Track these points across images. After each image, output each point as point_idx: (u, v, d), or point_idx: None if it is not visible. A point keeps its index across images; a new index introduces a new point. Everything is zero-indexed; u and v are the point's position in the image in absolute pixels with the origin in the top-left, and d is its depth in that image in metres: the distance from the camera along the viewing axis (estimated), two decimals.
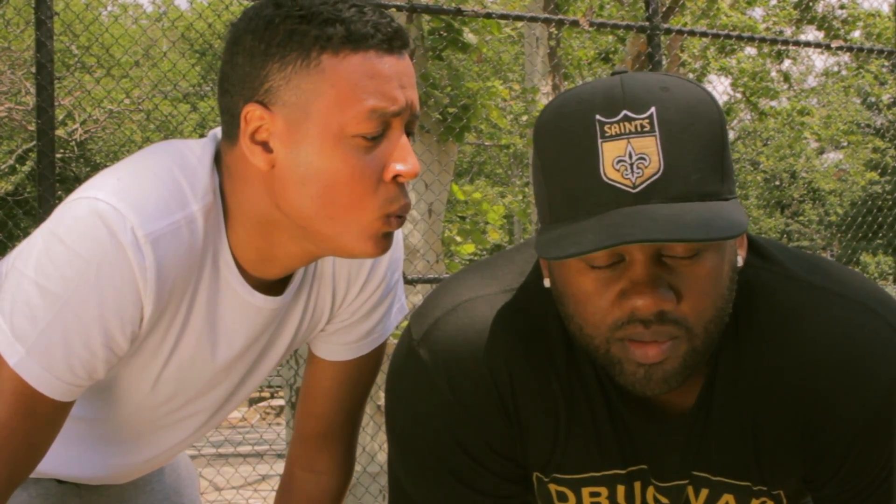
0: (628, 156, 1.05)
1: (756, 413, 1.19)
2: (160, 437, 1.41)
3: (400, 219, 1.23)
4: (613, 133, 1.05)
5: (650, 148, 1.05)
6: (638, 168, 1.05)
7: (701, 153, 1.06)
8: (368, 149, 1.18)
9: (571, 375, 1.22)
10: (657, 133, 1.05)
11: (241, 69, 1.20)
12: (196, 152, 1.25)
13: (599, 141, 1.06)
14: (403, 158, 1.20)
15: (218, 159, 1.26)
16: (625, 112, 1.06)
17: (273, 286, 1.31)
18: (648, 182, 1.04)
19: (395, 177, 1.20)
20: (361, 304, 1.42)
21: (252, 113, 1.19)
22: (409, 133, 1.23)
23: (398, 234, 1.43)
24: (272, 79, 1.18)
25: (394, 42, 1.19)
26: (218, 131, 1.29)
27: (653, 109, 1.06)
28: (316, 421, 1.50)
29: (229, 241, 1.26)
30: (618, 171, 1.05)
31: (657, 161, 1.04)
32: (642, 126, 1.05)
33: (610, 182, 1.05)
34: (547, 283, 1.18)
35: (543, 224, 1.11)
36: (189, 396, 1.36)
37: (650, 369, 1.10)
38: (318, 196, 1.18)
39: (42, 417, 1.19)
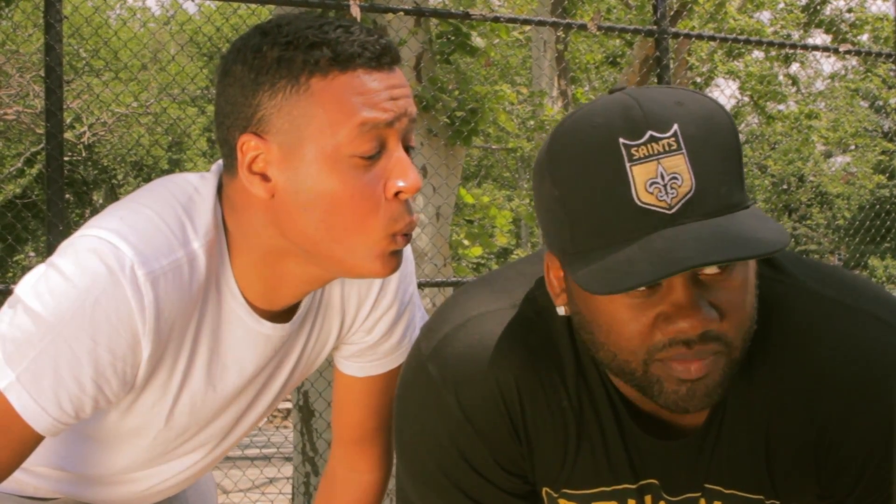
0: (660, 177, 1.02)
1: (768, 428, 1.18)
2: (168, 467, 1.41)
3: (406, 237, 1.22)
4: (641, 155, 1.03)
5: (681, 166, 1.02)
6: (671, 188, 1.02)
7: (724, 164, 1.05)
8: (367, 168, 1.18)
9: (581, 392, 1.22)
10: (684, 150, 1.03)
11: (233, 100, 1.19)
12: (198, 187, 1.25)
13: (628, 165, 1.03)
14: (403, 174, 1.18)
15: (220, 192, 1.26)
16: (650, 133, 1.03)
17: (280, 313, 1.31)
18: (683, 201, 1.02)
19: (397, 193, 1.19)
20: (376, 323, 1.42)
21: (247, 143, 1.18)
22: (407, 147, 1.22)
23: (407, 248, 1.43)
24: (264, 107, 1.17)
25: (382, 59, 1.18)
26: (221, 163, 1.28)
27: (675, 127, 1.03)
28: (352, 429, 1.52)
29: (234, 273, 1.25)
30: (651, 193, 1.02)
31: (689, 179, 1.02)
32: (669, 145, 1.03)
33: (644, 206, 1.02)
34: (562, 311, 1.16)
35: (566, 254, 1.09)
36: (200, 426, 1.36)
37: (693, 385, 1.08)
38: (321, 220, 1.18)
39: (14, 438, 1.18)
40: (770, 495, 1.21)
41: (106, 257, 1.15)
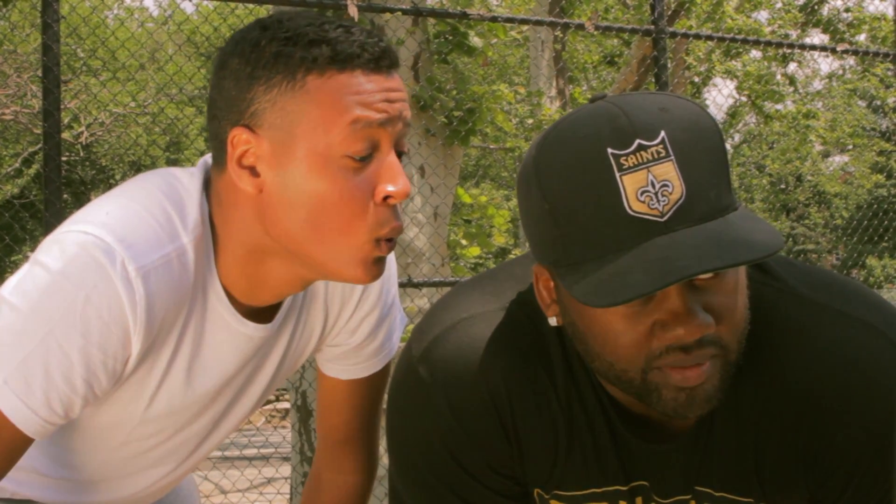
0: (651, 185, 1.02)
1: (756, 432, 1.18)
2: (148, 472, 1.39)
3: (391, 242, 1.21)
4: (631, 164, 1.02)
5: (670, 173, 1.02)
6: (663, 196, 1.02)
7: (712, 168, 1.05)
8: (357, 170, 1.16)
9: (571, 394, 1.22)
10: (673, 157, 1.03)
11: (227, 93, 1.18)
12: (185, 182, 1.23)
13: (618, 174, 1.02)
14: (393, 179, 1.17)
15: (207, 188, 1.24)
16: (638, 141, 1.03)
17: (262, 312, 1.30)
18: (675, 208, 1.02)
19: (386, 198, 1.17)
20: (358, 325, 1.41)
21: (238, 137, 1.17)
22: (399, 153, 1.20)
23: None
24: (258, 101, 1.16)
25: (381, 61, 1.17)
26: (208, 158, 1.27)
27: (663, 133, 1.03)
28: (336, 430, 1.52)
29: (219, 270, 1.24)
30: (643, 202, 1.02)
31: (679, 185, 1.02)
32: (658, 153, 1.03)
33: (637, 214, 1.02)
34: (553, 322, 1.16)
35: (558, 266, 1.09)
36: (177, 427, 1.34)
37: (692, 392, 1.08)
38: (306, 220, 1.16)
39: (4, 442, 1.16)
40: (760, 498, 1.21)
41: (95, 252, 1.13)
